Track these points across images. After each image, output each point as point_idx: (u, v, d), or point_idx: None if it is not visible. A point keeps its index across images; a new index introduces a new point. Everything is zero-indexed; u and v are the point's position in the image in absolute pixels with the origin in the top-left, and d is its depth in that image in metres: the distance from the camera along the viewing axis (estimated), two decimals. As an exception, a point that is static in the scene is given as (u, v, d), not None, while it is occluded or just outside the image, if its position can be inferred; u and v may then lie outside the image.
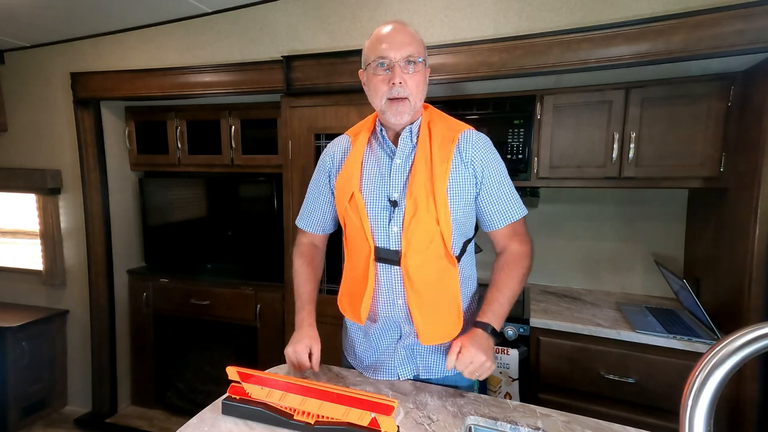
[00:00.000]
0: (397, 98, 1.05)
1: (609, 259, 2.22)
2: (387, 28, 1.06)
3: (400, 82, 1.03)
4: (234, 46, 2.24)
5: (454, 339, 1.09)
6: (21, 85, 2.72)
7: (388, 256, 1.10)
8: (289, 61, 2.06)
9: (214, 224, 2.64)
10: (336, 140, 1.27)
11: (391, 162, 1.12)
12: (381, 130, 1.15)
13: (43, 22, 2.30)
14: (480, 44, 1.79)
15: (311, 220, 1.30)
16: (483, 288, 1.20)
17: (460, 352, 1.03)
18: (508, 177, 1.15)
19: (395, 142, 1.14)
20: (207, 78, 2.25)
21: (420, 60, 1.06)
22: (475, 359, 1.01)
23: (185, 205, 2.70)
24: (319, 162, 1.27)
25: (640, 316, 1.80)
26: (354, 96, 2.01)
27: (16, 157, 2.80)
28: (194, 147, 2.59)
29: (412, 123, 1.12)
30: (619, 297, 2.13)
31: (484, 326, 1.07)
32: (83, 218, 2.63)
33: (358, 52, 1.94)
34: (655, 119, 1.79)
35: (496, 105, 2.00)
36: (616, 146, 1.83)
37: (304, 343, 1.16)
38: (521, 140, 1.93)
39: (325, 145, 2.11)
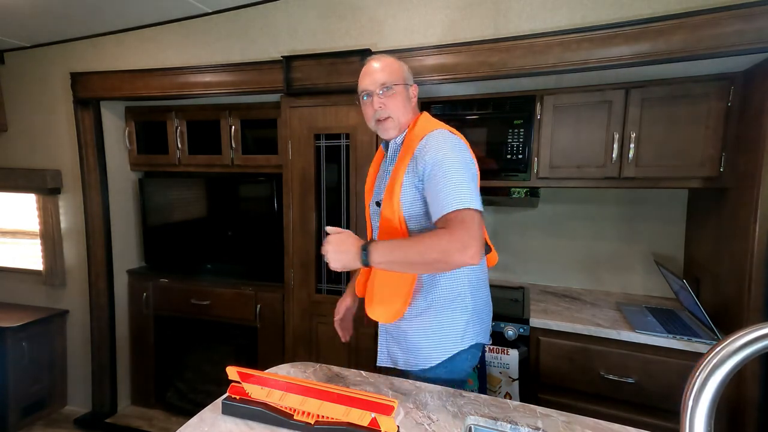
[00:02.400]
0: (381, 119, 1.26)
1: (609, 259, 2.22)
2: (366, 66, 1.29)
3: (380, 106, 1.25)
4: (234, 46, 2.24)
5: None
6: (21, 85, 2.72)
7: None
8: (289, 61, 2.06)
9: (214, 224, 2.64)
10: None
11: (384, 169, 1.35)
12: (384, 144, 1.38)
13: (43, 22, 2.30)
14: (480, 44, 1.79)
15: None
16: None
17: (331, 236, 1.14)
18: (454, 172, 1.10)
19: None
20: (207, 78, 2.25)
21: (397, 84, 1.25)
22: (330, 249, 1.11)
23: (185, 205, 2.70)
24: None
25: (640, 316, 1.80)
26: (354, 96, 1.99)
27: (16, 157, 2.80)
28: (194, 147, 2.59)
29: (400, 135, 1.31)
30: (619, 297, 2.13)
31: (366, 242, 1.11)
32: (83, 218, 2.62)
33: (358, 52, 1.95)
34: (655, 119, 1.79)
35: (496, 105, 2.00)
36: (616, 146, 1.83)
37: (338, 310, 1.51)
38: (521, 140, 1.93)
39: (325, 145, 2.13)
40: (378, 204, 1.31)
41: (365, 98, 1.28)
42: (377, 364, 1.37)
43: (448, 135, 1.18)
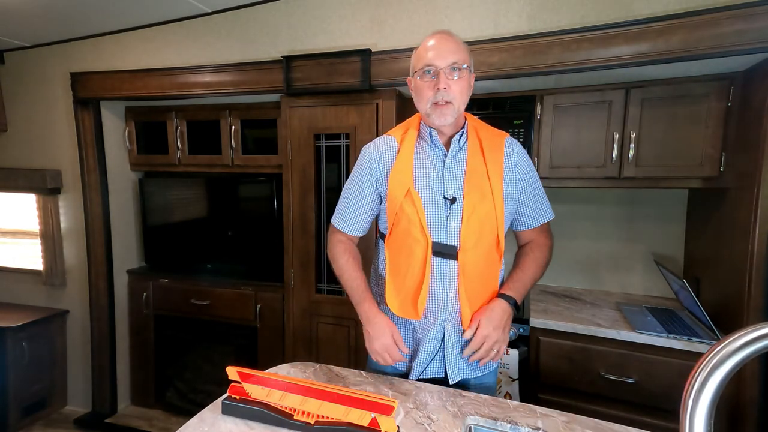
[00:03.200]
0: (442, 103, 1.12)
1: (609, 259, 2.22)
2: (433, 39, 1.13)
3: (445, 87, 1.11)
4: (234, 46, 2.24)
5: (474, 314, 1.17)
6: (21, 85, 2.72)
7: (446, 251, 1.14)
8: (289, 61, 2.06)
9: (214, 224, 2.64)
10: (380, 142, 1.27)
11: (443, 162, 1.18)
12: (430, 132, 1.20)
13: (43, 22, 2.30)
14: (480, 44, 1.79)
15: (352, 222, 1.29)
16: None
17: (478, 327, 1.14)
18: (541, 183, 1.28)
19: (445, 143, 1.21)
20: (207, 78, 2.25)
21: (465, 66, 1.12)
22: (490, 338, 1.13)
23: (185, 205, 2.70)
24: (362, 165, 1.26)
25: (640, 316, 1.80)
26: (354, 96, 2.01)
27: (16, 157, 2.80)
28: (194, 147, 2.59)
29: (458, 126, 1.21)
30: (619, 297, 2.13)
31: (507, 298, 1.18)
32: (83, 218, 2.63)
33: (358, 52, 1.95)
34: (655, 119, 1.79)
35: (496, 105, 2.00)
36: (616, 146, 1.83)
37: (387, 336, 1.19)
38: (521, 140, 1.93)
39: (325, 145, 2.12)
40: (452, 200, 1.15)
41: (426, 74, 1.12)
42: (451, 383, 1.20)
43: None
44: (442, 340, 1.19)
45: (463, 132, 1.20)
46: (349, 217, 1.29)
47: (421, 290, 1.14)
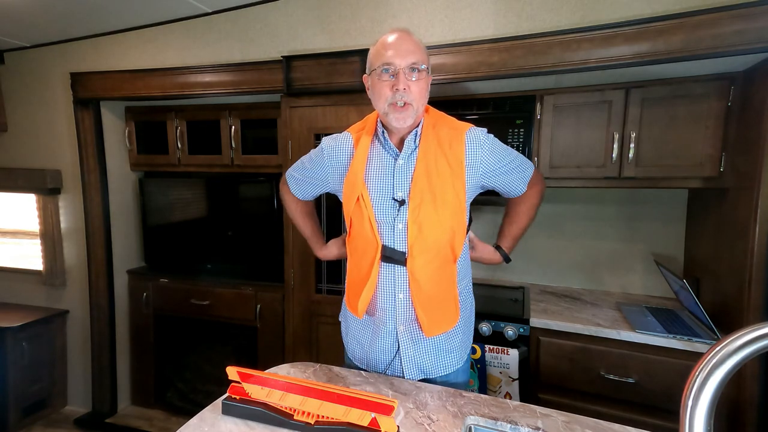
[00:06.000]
0: (400, 105, 1.09)
1: (609, 259, 2.22)
2: (393, 36, 1.10)
3: (404, 88, 1.07)
4: (234, 46, 2.24)
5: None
6: (21, 85, 2.72)
7: (394, 256, 1.14)
8: (289, 61, 2.06)
9: (214, 224, 2.64)
10: (338, 139, 1.29)
11: (395, 163, 1.17)
12: (383, 132, 1.19)
13: (43, 22, 2.30)
14: (480, 44, 1.79)
15: (303, 192, 1.40)
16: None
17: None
18: (511, 149, 1.24)
19: (398, 143, 1.19)
20: (207, 78, 2.25)
21: (423, 67, 1.10)
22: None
23: (185, 205, 2.70)
24: (320, 154, 1.30)
25: (640, 316, 1.80)
26: (354, 96, 2.01)
27: (16, 157, 2.80)
28: (194, 147, 2.59)
29: (415, 126, 1.16)
30: (619, 297, 2.13)
31: (500, 250, 1.37)
32: (83, 218, 2.63)
33: (358, 52, 1.95)
34: (655, 119, 1.79)
35: (496, 105, 2.00)
36: (616, 146, 1.83)
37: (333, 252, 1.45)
38: (521, 140, 1.93)
39: (325, 145, 2.12)
40: (401, 202, 1.14)
41: (385, 72, 1.08)
42: (406, 377, 1.22)
43: (487, 132, 1.23)
44: (397, 341, 1.20)
45: (417, 132, 1.15)
46: (302, 188, 1.40)
47: (363, 291, 1.16)
